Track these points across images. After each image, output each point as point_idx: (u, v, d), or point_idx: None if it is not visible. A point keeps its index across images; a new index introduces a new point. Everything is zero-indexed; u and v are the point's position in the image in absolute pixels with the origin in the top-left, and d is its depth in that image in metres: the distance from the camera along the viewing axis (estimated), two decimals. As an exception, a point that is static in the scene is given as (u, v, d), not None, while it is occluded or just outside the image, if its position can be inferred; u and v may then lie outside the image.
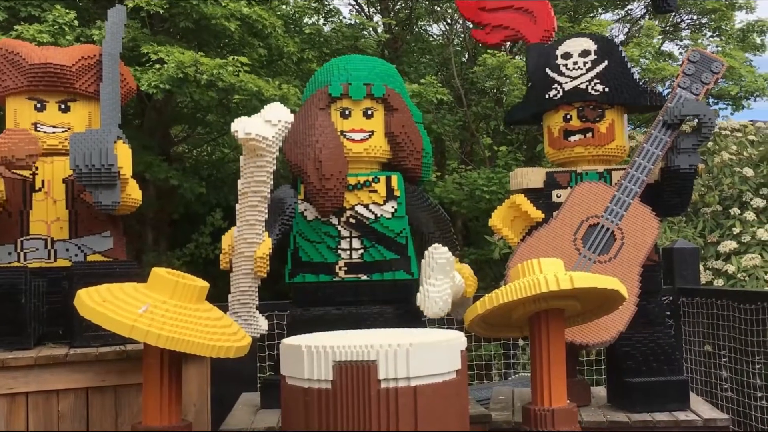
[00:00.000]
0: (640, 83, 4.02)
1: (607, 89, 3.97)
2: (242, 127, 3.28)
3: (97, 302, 2.85)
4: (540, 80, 4.13)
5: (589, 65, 4.01)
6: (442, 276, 3.27)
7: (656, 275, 3.99)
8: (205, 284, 3.08)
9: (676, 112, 3.77)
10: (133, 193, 3.90)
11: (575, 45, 4.08)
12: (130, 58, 7.67)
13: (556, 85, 4.05)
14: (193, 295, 3.00)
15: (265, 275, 3.52)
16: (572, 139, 4.01)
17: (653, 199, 3.83)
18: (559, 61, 4.06)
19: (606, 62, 4.02)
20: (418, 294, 3.31)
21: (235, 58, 7.84)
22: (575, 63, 4.02)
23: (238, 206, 3.46)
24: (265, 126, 3.30)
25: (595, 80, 3.99)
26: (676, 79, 3.96)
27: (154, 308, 2.85)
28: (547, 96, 4.06)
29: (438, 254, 3.26)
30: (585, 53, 4.03)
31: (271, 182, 3.41)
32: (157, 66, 7.58)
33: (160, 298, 2.92)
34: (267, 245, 3.49)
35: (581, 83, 3.99)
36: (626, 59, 4.08)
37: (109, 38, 4.03)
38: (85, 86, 3.99)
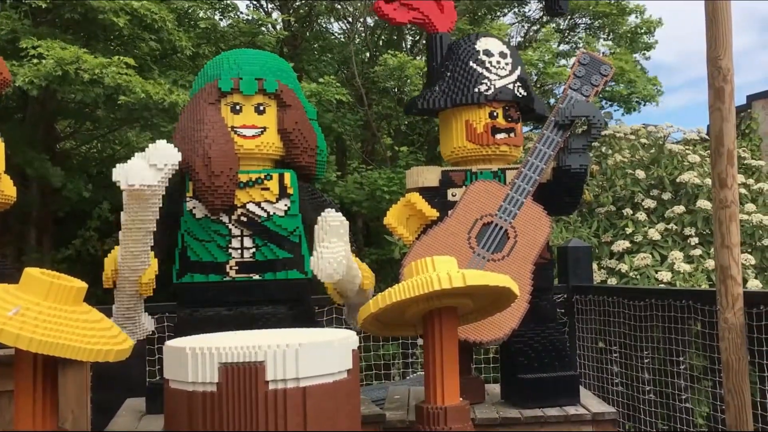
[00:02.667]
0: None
1: (526, 94, 4.09)
2: (124, 176, 3.04)
3: (-38, 305, 2.65)
4: (463, 72, 4.05)
5: (510, 67, 4.06)
6: (335, 239, 3.14)
7: (548, 273, 4.06)
8: (83, 285, 2.91)
9: (566, 113, 3.85)
10: (7, 189, 3.67)
11: (493, 44, 4.11)
12: (9, 52, 7.25)
13: (486, 81, 4.02)
14: (70, 297, 2.82)
15: (151, 293, 3.39)
16: (499, 136, 4.03)
17: (545, 199, 3.89)
18: (483, 57, 4.06)
19: (520, 68, 4.12)
20: (311, 258, 3.16)
21: (120, 58, 7.50)
22: (498, 62, 4.05)
23: (121, 236, 3.27)
24: (150, 171, 3.07)
25: (518, 83, 4.06)
26: (567, 80, 4.04)
27: (26, 310, 2.67)
28: (476, 90, 4.00)
29: (331, 217, 3.14)
30: (503, 55, 4.08)
31: (157, 216, 3.24)
32: (35, 61, 7.18)
33: (33, 299, 2.74)
34: (153, 269, 3.37)
35: (509, 83, 4.03)
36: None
37: (-19, 25, 3.80)
38: (-45, 77, 3.75)
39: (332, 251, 3.10)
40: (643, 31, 12.97)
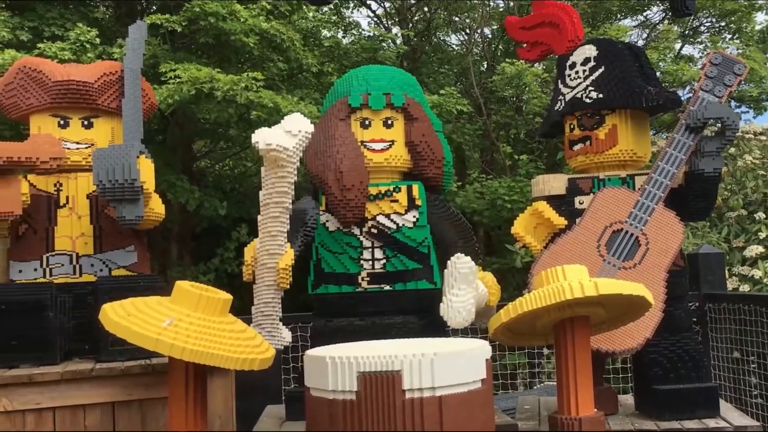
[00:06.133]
0: (639, 84, 3.89)
1: (601, 95, 3.92)
2: (263, 138, 3.28)
3: (121, 316, 2.86)
4: (555, 93, 4.20)
5: (587, 72, 3.99)
6: (465, 286, 3.24)
7: (682, 281, 3.94)
8: (229, 297, 3.08)
9: (698, 115, 3.73)
10: (157, 207, 3.93)
11: (579, 54, 4.07)
12: (150, 75, 7.75)
13: (560, 97, 4.09)
14: (217, 308, 3.00)
15: (288, 287, 3.53)
16: (575, 148, 4.04)
17: (677, 204, 3.79)
18: (567, 72, 4.08)
19: (603, 68, 3.96)
20: (441, 304, 3.28)
21: (249, 75, 7.88)
22: (577, 72, 4.02)
23: (260, 217, 3.47)
24: (285, 136, 3.30)
25: (590, 87, 3.96)
26: (697, 82, 3.92)
27: (179, 321, 2.86)
28: (555, 108, 4.12)
29: (461, 264, 3.24)
30: (586, 61, 4.02)
31: (293, 193, 3.42)
32: (172, 81, 7.65)
33: (184, 311, 2.93)
34: (289, 256, 3.51)
35: (577, 92, 3.98)
36: (629, 60, 3.98)
37: (130, 54, 4.07)
38: (108, 102, 4.03)
39: (461, 300, 3.21)
40: None
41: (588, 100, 3.94)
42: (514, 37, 4.67)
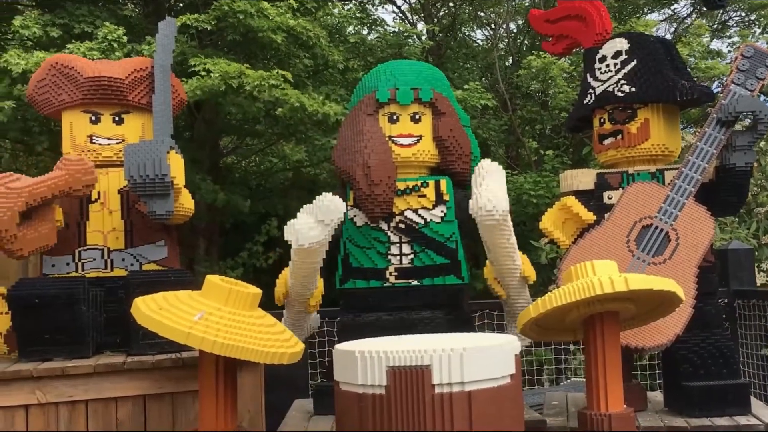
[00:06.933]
0: (672, 78, 3.85)
1: (633, 89, 3.90)
2: (295, 237, 3.27)
3: (153, 310, 2.89)
4: (583, 86, 4.17)
5: (618, 66, 3.96)
6: (493, 180, 3.17)
7: (712, 276, 3.90)
8: (258, 291, 3.10)
9: (730, 108, 3.69)
10: (186, 202, 3.97)
11: (610, 47, 4.04)
12: (179, 71, 7.81)
13: (590, 91, 4.06)
14: (247, 302, 3.02)
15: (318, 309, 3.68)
16: (605, 142, 4.02)
17: (708, 199, 3.75)
18: (596, 65, 4.05)
19: (635, 61, 3.93)
20: (470, 201, 3.22)
21: (278, 71, 7.93)
22: (607, 66, 3.99)
23: (290, 276, 3.54)
24: (317, 227, 3.27)
25: (622, 81, 3.93)
26: (728, 75, 3.87)
27: (209, 315, 2.88)
28: (584, 102, 4.10)
29: (487, 163, 3.18)
30: (617, 54, 3.98)
31: (324, 256, 3.47)
32: (203, 73, 7.71)
33: (215, 305, 2.95)
34: (319, 291, 3.63)
35: (609, 86, 3.95)
36: (661, 54, 3.94)
37: (160, 50, 4.10)
38: (138, 98, 4.08)
39: (490, 190, 3.14)
40: None
41: (620, 94, 3.92)
42: (538, 31, 4.65)
